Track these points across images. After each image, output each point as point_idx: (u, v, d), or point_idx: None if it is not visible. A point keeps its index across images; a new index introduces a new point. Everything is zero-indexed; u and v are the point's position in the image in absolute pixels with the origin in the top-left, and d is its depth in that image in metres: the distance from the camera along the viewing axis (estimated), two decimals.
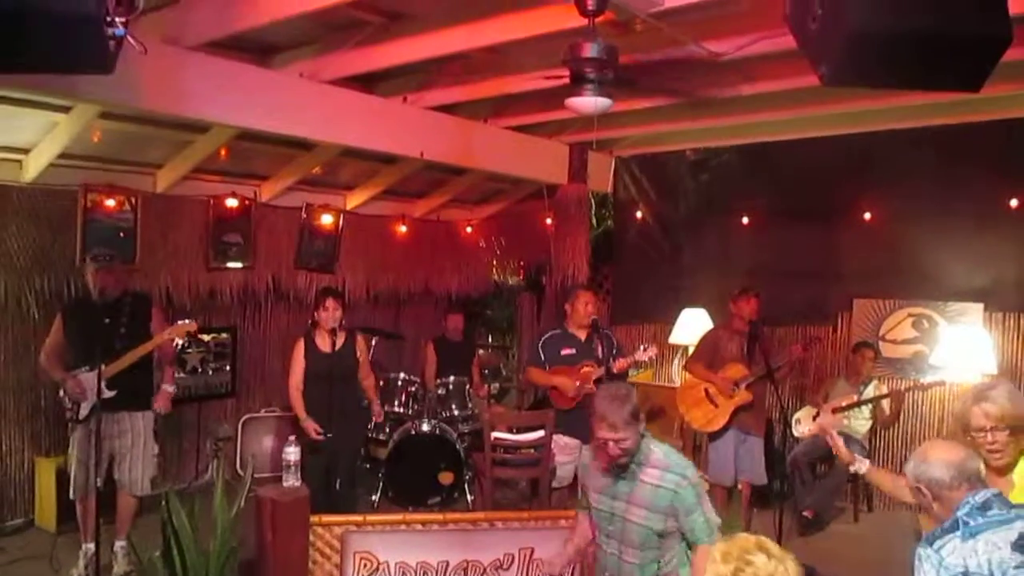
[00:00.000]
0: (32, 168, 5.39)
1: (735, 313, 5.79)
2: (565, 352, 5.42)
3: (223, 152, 5.97)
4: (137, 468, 4.95)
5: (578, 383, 5.28)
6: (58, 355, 4.87)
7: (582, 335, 5.42)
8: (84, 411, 4.76)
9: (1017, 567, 2.21)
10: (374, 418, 5.78)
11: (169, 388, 5.13)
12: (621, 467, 2.98)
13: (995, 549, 2.25)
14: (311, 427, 5.04)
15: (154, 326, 4.97)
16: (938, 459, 2.45)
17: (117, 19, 2.48)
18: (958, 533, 2.31)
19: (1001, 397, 2.78)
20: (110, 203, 5.84)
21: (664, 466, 2.97)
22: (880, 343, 6.73)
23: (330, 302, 5.15)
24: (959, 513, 2.35)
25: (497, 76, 5.29)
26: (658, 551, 3.01)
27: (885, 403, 6.18)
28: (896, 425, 6.48)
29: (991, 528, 2.28)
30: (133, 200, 5.98)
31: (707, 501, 3.02)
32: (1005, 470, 2.80)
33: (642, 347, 5.29)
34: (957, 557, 2.29)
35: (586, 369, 5.31)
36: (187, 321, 5.07)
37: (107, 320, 4.70)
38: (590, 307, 5.40)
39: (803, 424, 6.40)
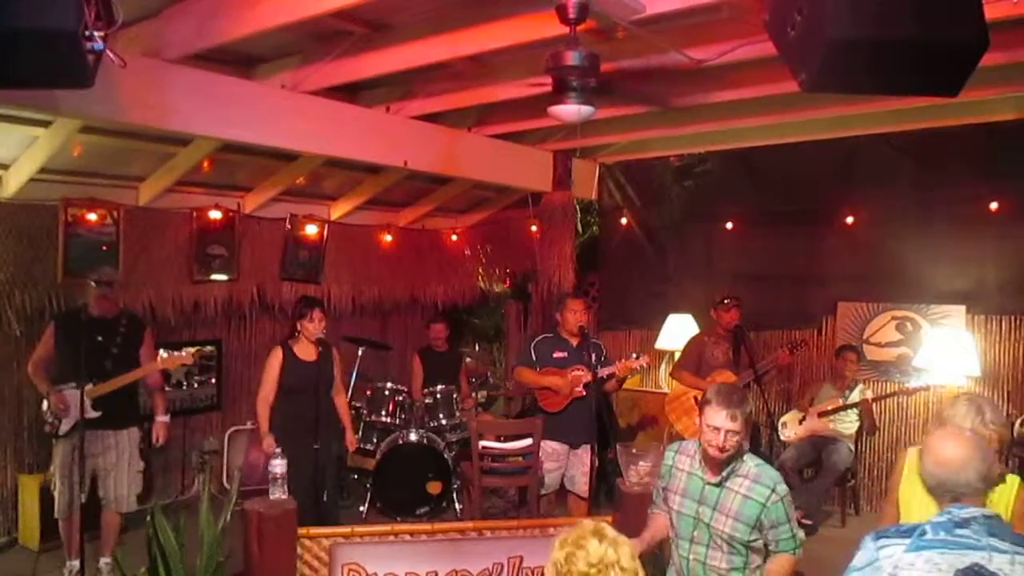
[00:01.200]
0: (12, 183, 5.34)
1: (716, 320, 5.82)
2: (557, 355, 5.43)
3: (206, 164, 5.94)
4: (122, 485, 4.92)
5: (569, 382, 5.30)
6: (45, 367, 4.82)
7: (574, 342, 5.44)
8: (65, 427, 4.72)
9: None
10: (348, 447, 5.50)
11: (164, 419, 5.13)
12: (721, 464, 3.03)
13: (934, 570, 2.09)
14: (269, 443, 4.84)
15: (144, 351, 4.94)
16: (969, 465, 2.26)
17: (96, 33, 2.48)
18: (906, 542, 2.16)
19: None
20: (92, 217, 5.79)
21: (755, 477, 3.02)
22: (864, 346, 6.77)
23: (316, 313, 5.11)
24: (931, 519, 2.20)
25: (480, 85, 5.30)
26: (744, 558, 3.05)
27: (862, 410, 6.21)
28: (882, 427, 6.51)
29: (946, 548, 2.11)
30: (115, 214, 5.94)
31: (794, 515, 3.06)
32: None
33: (635, 355, 5.31)
34: (891, 564, 2.17)
35: (576, 372, 5.33)
36: (184, 352, 5.05)
37: (100, 339, 4.68)
38: (578, 315, 5.42)
39: (789, 428, 6.42)
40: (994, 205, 6.20)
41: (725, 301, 5.80)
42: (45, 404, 4.80)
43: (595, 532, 2.00)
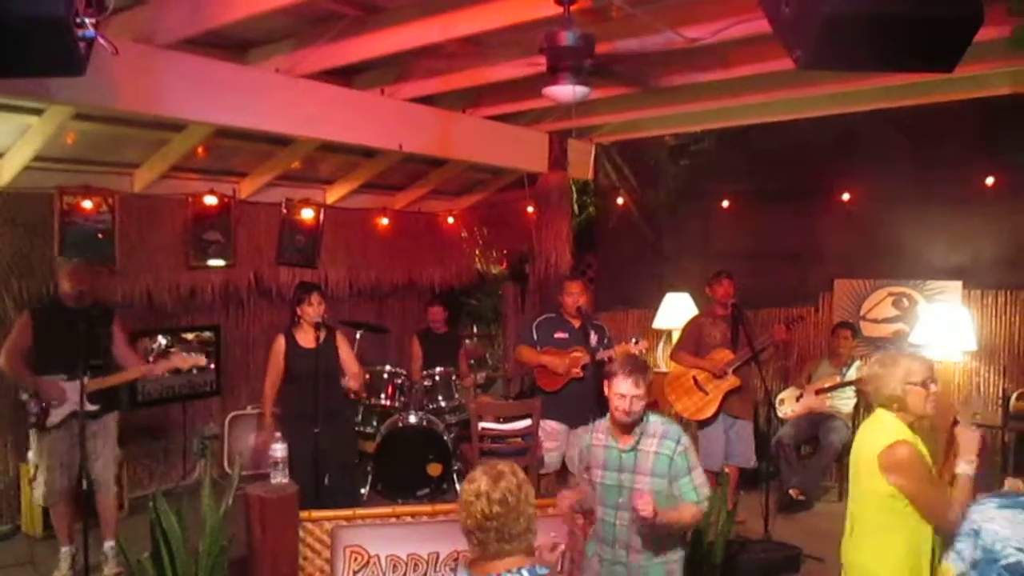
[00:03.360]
0: (6, 172, 5.31)
1: (712, 297, 5.83)
2: (558, 336, 5.47)
3: (200, 150, 5.92)
4: (108, 469, 4.94)
5: (567, 363, 5.33)
6: (23, 357, 4.74)
7: (576, 323, 5.46)
8: (55, 418, 4.70)
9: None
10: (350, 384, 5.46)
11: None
12: (629, 429, 3.25)
13: (1010, 524, 2.56)
14: (271, 434, 4.89)
15: (117, 335, 4.94)
16: None
17: (87, 20, 2.46)
18: (999, 500, 2.64)
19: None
20: (87, 205, 5.78)
21: (663, 434, 3.27)
22: (861, 323, 6.79)
23: (315, 297, 5.11)
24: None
25: (475, 66, 5.28)
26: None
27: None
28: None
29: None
30: (110, 201, 5.93)
31: (698, 467, 3.29)
32: None
33: (634, 340, 5.34)
34: (980, 517, 2.62)
35: (575, 354, 5.36)
36: (195, 355, 5.08)
37: (81, 328, 4.57)
38: (576, 297, 5.44)
39: (787, 405, 6.46)
40: (990, 180, 6.21)
41: (718, 275, 5.81)
42: (26, 395, 4.75)
43: (488, 469, 2.26)
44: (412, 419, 6.38)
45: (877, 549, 2.94)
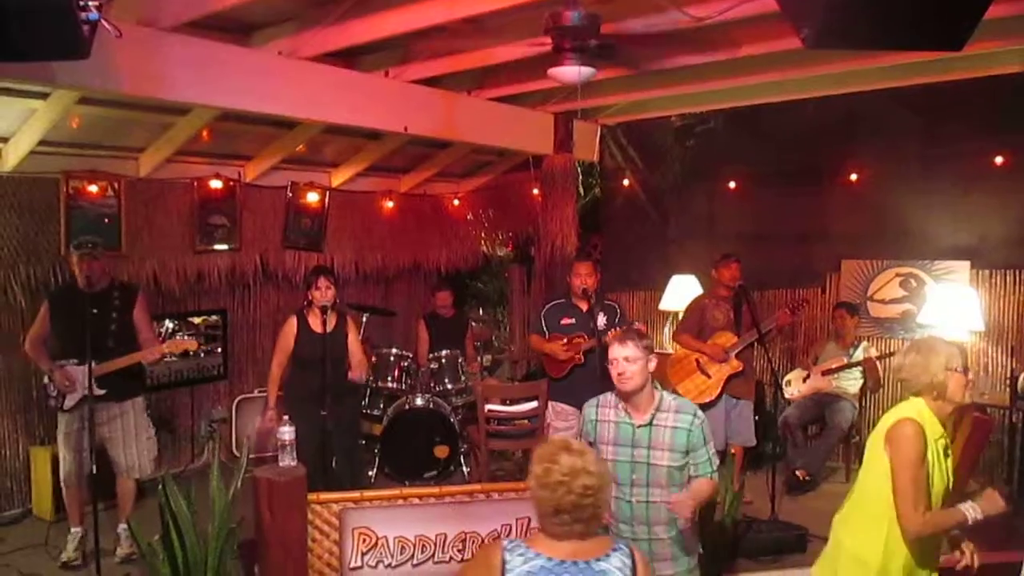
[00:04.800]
0: (12, 157, 5.32)
1: (717, 280, 5.81)
2: (565, 322, 5.46)
3: (205, 134, 5.91)
4: (132, 452, 4.96)
5: (569, 349, 5.33)
6: (43, 344, 4.84)
7: (584, 306, 5.44)
8: (70, 402, 4.75)
9: None
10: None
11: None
12: (638, 401, 3.24)
13: None
14: (271, 416, 4.99)
15: (137, 314, 4.94)
16: None
17: (90, 3, 2.46)
18: None
19: None
20: (93, 189, 5.78)
21: (678, 408, 3.26)
22: (868, 303, 6.78)
23: (323, 281, 5.12)
24: None
25: (479, 47, 5.25)
26: (681, 487, 3.22)
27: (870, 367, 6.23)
28: (885, 384, 6.53)
29: None
30: (116, 185, 5.93)
31: (711, 440, 3.30)
32: None
33: (629, 323, 5.34)
34: None
35: (576, 340, 5.36)
36: (187, 338, 5.03)
37: (95, 312, 4.63)
38: (582, 279, 5.40)
39: (793, 386, 6.45)
40: (999, 159, 6.17)
41: (726, 257, 5.79)
42: (46, 379, 4.83)
43: (563, 447, 2.30)
44: (419, 402, 6.40)
45: (864, 535, 2.92)
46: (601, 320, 5.32)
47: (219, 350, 6.89)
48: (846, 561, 2.98)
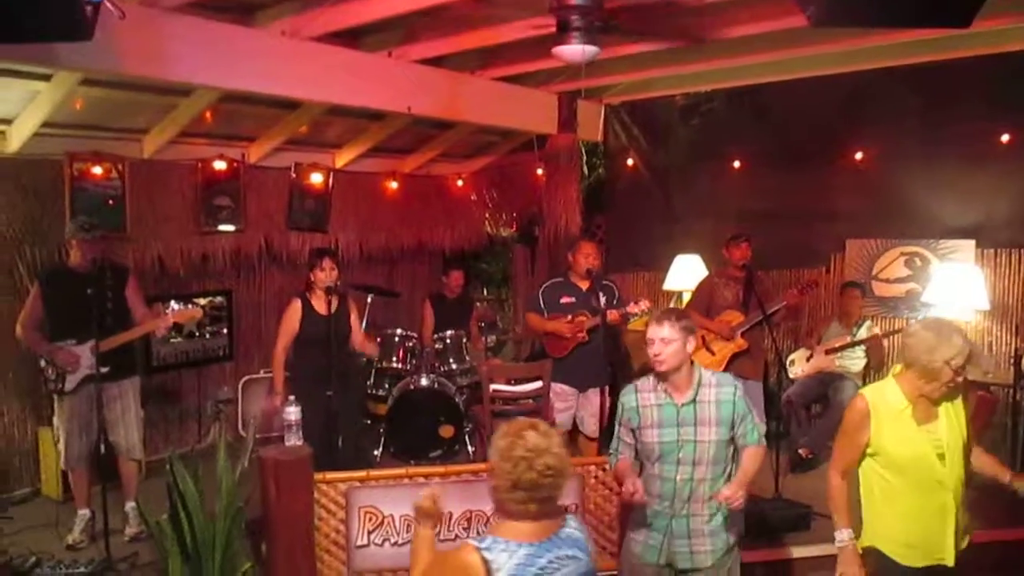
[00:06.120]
0: (15, 138, 5.31)
1: (727, 259, 5.81)
2: (564, 300, 5.46)
3: (208, 115, 5.90)
4: (132, 433, 5.01)
5: (573, 328, 5.34)
6: (38, 327, 4.82)
7: (584, 285, 5.45)
8: (71, 384, 4.77)
9: None
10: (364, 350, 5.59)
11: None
12: (680, 380, 3.22)
13: None
14: (280, 399, 5.01)
15: (129, 294, 4.95)
16: None
17: None
18: None
19: None
20: (97, 171, 5.78)
21: (717, 383, 3.27)
22: (873, 283, 6.77)
23: (327, 262, 5.14)
24: None
25: (483, 27, 5.22)
26: (725, 463, 3.27)
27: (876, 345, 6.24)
28: (889, 363, 6.53)
29: None
30: (120, 167, 5.93)
31: (754, 408, 3.33)
32: None
33: (634, 301, 5.35)
34: None
35: (580, 318, 5.36)
36: (192, 307, 5.03)
37: (90, 292, 4.61)
38: (590, 259, 5.42)
39: (797, 365, 6.46)
40: (1004, 138, 6.15)
41: (736, 237, 5.79)
42: (43, 362, 4.82)
43: (531, 425, 2.31)
44: (424, 382, 6.42)
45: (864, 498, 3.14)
46: (601, 299, 5.34)
47: (225, 331, 6.92)
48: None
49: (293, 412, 4.23)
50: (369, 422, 6.77)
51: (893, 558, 3.02)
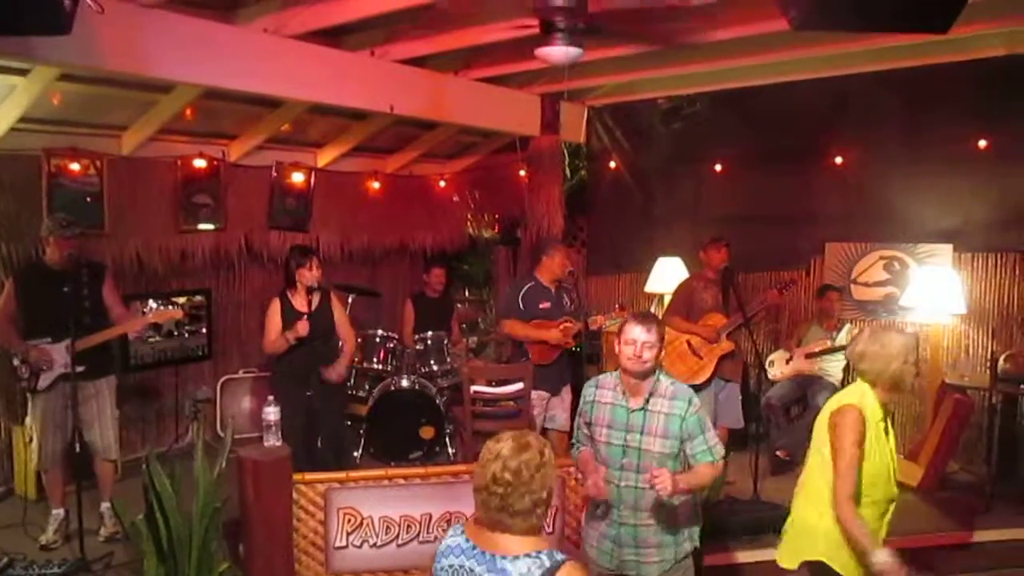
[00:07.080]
0: None
1: (706, 262, 5.84)
2: (543, 306, 5.47)
3: (189, 112, 5.84)
4: (108, 433, 4.96)
5: (561, 335, 5.36)
6: (11, 323, 4.75)
7: (553, 288, 5.47)
8: (44, 382, 4.71)
9: None
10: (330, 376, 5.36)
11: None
12: (640, 385, 3.19)
13: None
14: (304, 326, 5.00)
15: (106, 292, 4.91)
16: None
17: None
18: None
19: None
20: (75, 167, 5.70)
21: (673, 395, 3.21)
22: (852, 286, 6.82)
23: (315, 261, 5.13)
24: None
25: (466, 27, 5.21)
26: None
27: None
28: None
29: None
30: (98, 164, 5.86)
31: (710, 427, 3.24)
32: None
33: (617, 306, 5.41)
34: None
35: (567, 324, 5.39)
36: (173, 308, 5.00)
37: (66, 290, 4.57)
38: (568, 265, 5.47)
39: (776, 367, 6.50)
40: (982, 143, 6.21)
41: (715, 241, 5.81)
42: (17, 360, 4.76)
43: (515, 436, 2.22)
44: (404, 383, 6.40)
45: (810, 507, 3.10)
46: (566, 301, 5.37)
47: (203, 330, 6.86)
48: (798, 529, 3.17)
49: (272, 412, 4.21)
50: (349, 423, 6.74)
51: (842, 574, 2.96)
